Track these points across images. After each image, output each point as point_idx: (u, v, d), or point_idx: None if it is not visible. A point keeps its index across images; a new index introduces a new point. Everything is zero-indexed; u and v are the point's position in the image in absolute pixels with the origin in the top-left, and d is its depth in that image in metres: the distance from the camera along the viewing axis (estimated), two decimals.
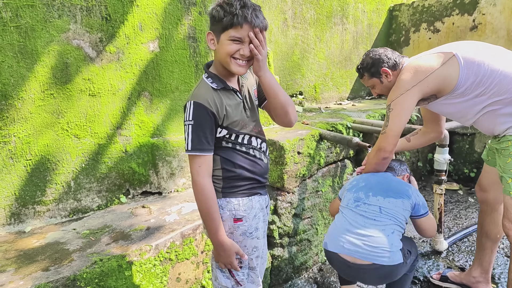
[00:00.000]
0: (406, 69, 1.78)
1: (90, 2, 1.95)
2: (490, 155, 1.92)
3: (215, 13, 1.21)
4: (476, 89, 1.64)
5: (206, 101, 1.24)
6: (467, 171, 3.69)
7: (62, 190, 2.01)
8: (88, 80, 2.00)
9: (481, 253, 2.05)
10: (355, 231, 1.61)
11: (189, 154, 1.25)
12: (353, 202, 1.71)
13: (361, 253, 1.55)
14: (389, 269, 1.55)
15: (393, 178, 1.79)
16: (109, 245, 1.73)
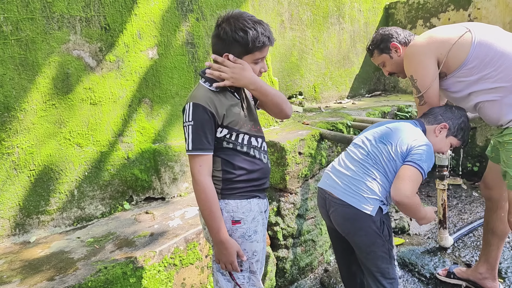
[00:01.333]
0: (420, 36, 1.75)
1: (89, 13, 1.98)
2: (495, 151, 1.90)
3: (239, 38, 1.25)
4: (484, 70, 1.60)
5: (205, 102, 1.27)
6: (470, 166, 3.68)
7: (66, 199, 2.03)
8: (89, 89, 2.02)
9: (487, 249, 2.03)
10: (338, 169, 1.64)
11: (190, 154, 1.27)
12: (353, 144, 1.71)
13: (337, 188, 1.59)
14: (354, 211, 1.53)
15: (406, 126, 1.63)
16: (114, 252, 1.74)
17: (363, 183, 1.55)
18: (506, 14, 3.42)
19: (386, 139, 1.59)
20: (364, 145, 1.64)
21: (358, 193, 1.54)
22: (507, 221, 1.86)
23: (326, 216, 1.69)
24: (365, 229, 1.54)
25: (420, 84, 1.69)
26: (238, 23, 1.24)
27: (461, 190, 3.45)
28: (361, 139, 1.69)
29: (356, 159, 1.61)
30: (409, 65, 1.73)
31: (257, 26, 1.25)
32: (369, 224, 1.53)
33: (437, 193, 2.48)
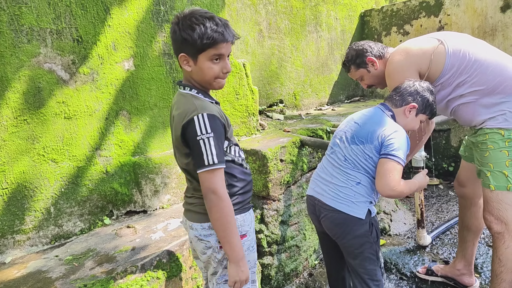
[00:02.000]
0: (397, 52, 1.78)
1: (60, 25, 1.94)
2: (467, 150, 1.97)
3: (187, 36, 1.18)
4: (459, 77, 1.66)
5: (217, 112, 1.21)
6: (445, 166, 3.79)
7: (42, 217, 1.96)
8: (62, 103, 1.98)
9: (464, 246, 2.09)
10: (324, 177, 1.67)
11: (214, 168, 1.17)
12: (329, 149, 1.72)
13: (325, 196, 1.62)
14: (344, 216, 1.55)
15: (372, 117, 1.63)
16: (93, 269, 1.69)
17: (349, 189, 1.57)
18: (474, 20, 3.58)
19: (358, 139, 1.60)
20: (340, 149, 1.65)
21: (347, 199, 1.57)
22: (481, 217, 1.93)
23: (317, 221, 1.72)
24: (354, 232, 1.58)
25: None
26: (186, 21, 1.18)
27: (438, 189, 3.54)
28: (335, 141, 1.71)
29: (336, 166, 1.63)
30: (392, 82, 1.75)
31: (207, 22, 1.17)
32: (358, 227, 1.57)
33: (415, 194, 2.53)
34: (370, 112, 1.69)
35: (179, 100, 1.27)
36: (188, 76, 1.28)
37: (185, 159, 1.26)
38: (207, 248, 1.29)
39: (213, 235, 1.27)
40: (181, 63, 1.24)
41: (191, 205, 1.33)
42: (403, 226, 2.91)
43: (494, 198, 1.67)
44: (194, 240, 1.32)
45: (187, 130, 1.18)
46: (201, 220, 1.29)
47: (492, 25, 3.44)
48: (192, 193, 1.33)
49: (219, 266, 1.31)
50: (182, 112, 1.21)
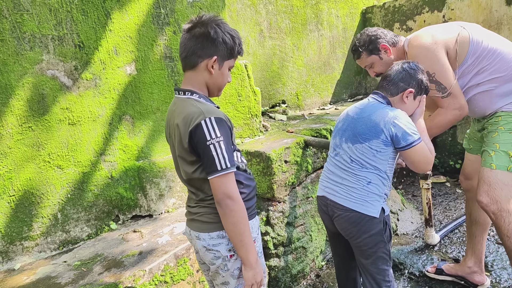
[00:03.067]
0: (420, 35, 1.74)
1: (62, 31, 1.95)
2: (472, 143, 1.96)
3: (228, 40, 1.21)
4: (480, 64, 1.67)
5: (223, 115, 1.20)
6: (452, 163, 3.76)
7: (49, 223, 1.97)
8: (66, 109, 1.99)
9: (473, 242, 2.07)
10: (333, 179, 1.65)
11: (226, 172, 1.15)
12: (332, 151, 1.70)
13: (339, 196, 1.60)
14: (358, 215, 1.54)
15: (369, 110, 1.59)
16: (102, 274, 1.70)
17: (361, 189, 1.56)
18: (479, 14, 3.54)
19: (361, 137, 1.56)
20: (343, 150, 1.63)
21: (361, 199, 1.55)
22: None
23: (329, 222, 1.69)
24: (369, 231, 1.56)
25: (439, 76, 1.68)
26: (225, 26, 1.22)
27: (445, 187, 3.51)
28: (336, 142, 1.68)
29: (344, 168, 1.61)
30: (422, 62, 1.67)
31: (238, 35, 1.26)
32: (373, 226, 1.56)
33: (422, 192, 2.51)
34: (365, 104, 1.64)
35: (179, 106, 1.23)
36: (198, 81, 1.25)
37: (191, 168, 1.22)
38: (216, 258, 1.26)
39: (222, 244, 1.24)
40: (209, 65, 1.21)
41: (196, 215, 1.29)
42: (411, 225, 2.88)
43: (492, 178, 1.67)
44: (202, 251, 1.28)
45: (195, 135, 1.14)
46: (209, 230, 1.25)
47: (498, 18, 3.40)
48: (197, 203, 1.29)
49: (230, 277, 1.28)
50: (186, 117, 1.17)
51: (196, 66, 1.22)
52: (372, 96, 1.66)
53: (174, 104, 1.27)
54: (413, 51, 1.75)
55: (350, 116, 1.66)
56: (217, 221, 1.23)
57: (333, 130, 1.75)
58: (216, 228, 1.24)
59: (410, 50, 1.77)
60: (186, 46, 1.22)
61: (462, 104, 1.70)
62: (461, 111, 1.71)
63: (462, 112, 1.71)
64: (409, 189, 3.56)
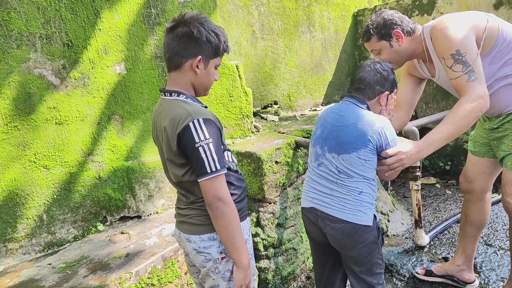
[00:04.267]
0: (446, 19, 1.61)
1: (50, 30, 1.92)
2: (477, 146, 1.93)
3: (212, 39, 1.18)
4: (508, 54, 1.59)
5: (211, 116, 1.17)
6: (442, 165, 3.79)
7: (34, 224, 1.93)
8: (53, 108, 1.95)
9: (466, 241, 2.08)
10: (321, 189, 1.57)
11: (216, 175, 1.13)
12: (314, 160, 1.61)
13: (331, 208, 1.53)
14: (353, 226, 1.49)
15: (352, 120, 1.52)
16: (87, 277, 1.67)
17: (354, 200, 1.50)
18: None
19: (348, 146, 1.50)
20: (327, 161, 1.54)
21: (354, 209, 1.50)
22: (486, 212, 1.98)
23: (318, 233, 1.61)
24: (364, 241, 1.52)
25: (469, 57, 1.52)
26: (209, 24, 1.19)
27: (435, 189, 3.54)
28: (317, 151, 1.59)
29: (330, 179, 1.54)
30: (451, 41, 1.54)
31: (223, 33, 1.23)
32: (368, 235, 1.52)
33: (412, 193, 2.52)
34: (346, 110, 1.56)
35: (166, 108, 1.19)
36: (184, 81, 1.22)
37: (180, 171, 1.19)
38: (207, 261, 1.24)
39: (213, 246, 1.23)
40: (194, 65, 1.19)
41: (186, 217, 1.27)
42: (401, 226, 2.90)
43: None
44: (193, 253, 1.26)
45: (183, 138, 1.12)
46: (199, 232, 1.23)
47: None
48: (187, 205, 1.27)
49: (221, 279, 1.26)
50: (173, 119, 1.14)
51: (181, 66, 1.20)
52: (350, 100, 1.58)
53: (160, 106, 1.24)
54: (439, 33, 1.58)
55: (330, 123, 1.58)
56: (208, 223, 1.21)
57: (312, 137, 1.65)
58: (207, 231, 1.22)
59: (435, 32, 1.61)
60: (169, 47, 1.19)
61: (486, 93, 1.52)
62: (484, 100, 1.51)
63: (485, 102, 1.52)
64: (400, 190, 3.58)
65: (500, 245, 2.47)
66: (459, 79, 1.55)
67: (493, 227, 2.68)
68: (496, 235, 2.58)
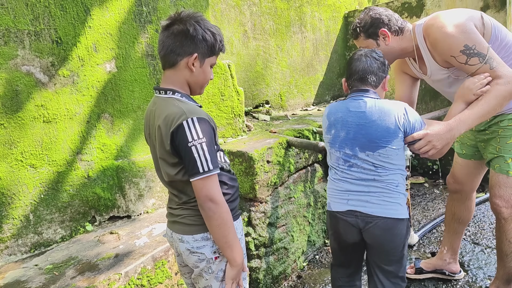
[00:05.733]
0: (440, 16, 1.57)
1: (38, 26, 1.88)
2: (464, 148, 1.96)
3: (208, 37, 1.18)
4: (499, 54, 1.56)
5: (206, 115, 1.16)
6: (430, 164, 3.85)
7: (21, 224, 1.89)
8: (41, 106, 1.91)
9: (453, 237, 2.14)
10: (358, 190, 1.55)
11: (208, 175, 1.12)
12: (344, 163, 1.58)
13: (372, 207, 1.52)
14: (393, 221, 1.50)
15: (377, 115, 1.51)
16: (75, 278, 1.64)
17: (392, 193, 1.52)
18: None
19: (381, 140, 1.49)
20: (360, 160, 1.54)
21: (394, 202, 1.51)
22: (473, 209, 2.06)
23: (356, 235, 1.58)
24: (401, 234, 1.54)
25: (480, 48, 1.49)
26: (205, 22, 1.19)
27: (424, 188, 3.59)
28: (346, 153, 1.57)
29: (368, 178, 1.53)
30: (455, 39, 1.51)
31: (219, 32, 1.23)
32: (404, 227, 1.54)
33: None
34: (365, 106, 1.55)
35: (160, 106, 1.18)
36: (179, 80, 1.21)
37: (173, 170, 1.18)
38: (200, 261, 1.23)
39: (207, 246, 1.22)
40: (190, 63, 1.18)
41: (179, 217, 1.26)
42: None
43: (509, 184, 1.67)
44: (186, 254, 1.25)
45: (177, 137, 1.11)
46: (192, 232, 1.23)
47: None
48: (179, 205, 1.26)
49: (214, 280, 1.25)
50: (167, 118, 1.13)
51: (176, 64, 1.19)
52: (362, 95, 1.57)
53: (154, 104, 1.23)
54: (438, 33, 1.55)
55: (354, 123, 1.55)
56: (201, 223, 1.21)
57: (332, 141, 1.61)
58: (200, 230, 1.22)
59: (434, 32, 1.57)
60: (164, 44, 1.18)
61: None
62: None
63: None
64: None
65: (487, 243, 2.52)
66: (481, 70, 1.51)
67: (480, 226, 2.74)
68: (483, 234, 2.63)
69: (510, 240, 1.73)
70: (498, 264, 1.85)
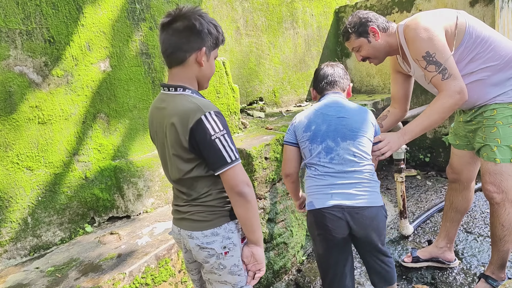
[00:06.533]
0: (418, 18, 1.68)
1: (30, 25, 1.84)
2: (458, 138, 2.02)
3: (212, 30, 1.18)
4: (474, 50, 1.65)
5: (219, 110, 1.18)
6: (422, 157, 3.92)
7: (19, 227, 1.86)
8: (36, 107, 1.88)
9: (449, 225, 2.20)
10: (340, 182, 1.59)
11: (237, 164, 1.14)
12: (325, 156, 1.62)
13: (356, 198, 1.57)
14: (375, 209, 1.59)
15: (353, 109, 1.68)
16: (78, 279, 1.63)
17: (370, 182, 1.61)
18: None
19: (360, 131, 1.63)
20: (343, 150, 1.61)
21: (373, 191, 1.62)
22: (471, 199, 2.10)
23: (344, 229, 1.60)
24: (383, 218, 1.65)
25: (439, 57, 1.61)
26: (207, 16, 1.19)
27: (416, 180, 3.66)
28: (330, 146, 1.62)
29: (349, 169, 1.59)
30: (420, 43, 1.63)
31: (218, 24, 1.25)
32: (384, 212, 1.65)
33: (396, 185, 2.60)
34: (341, 102, 1.72)
35: (171, 103, 1.17)
36: (188, 76, 1.21)
37: (187, 166, 1.18)
38: (210, 256, 1.24)
39: (216, 241, 1.23)
40: (199, 58, 1.18)
41: (187, 214, 1.26)
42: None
43: (498, 170, 1.73)
44: (195, 249, 1.25)
45: (197, 132, 1.11)
46: (202, 228, 1.23)
47: None
48: (187, 202, 1.25)
49: (228, 275, 1.26)
50: (184, 114, 1.12)
51: (185, 61, 1.17)
52: (338, 96, 1.76)
53: (162, 101, 1.21)
54: (411, 34, 1.68)
55: (334, 116, 1.65)
56: (210, 219, 1.22)
57: (312, 137, 1.66)
58: (210, 226, 1.23)
59: (408, 32, 1.70)
60: (170, 42, 1.16)
61: (463, 87, 1.61)
62: (461, 95, 1.61)
63: (462, 96, 1.61)
64: (383, 182, 3.68)
65: (480, 232, 2.58)
66: (434, 79, 1.66)
67: (472, 215, 2.80)
68: (475, 223, 2.70)
69: (503, 224, 1.79)
70: (492, 249, 1.90)
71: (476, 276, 2.16)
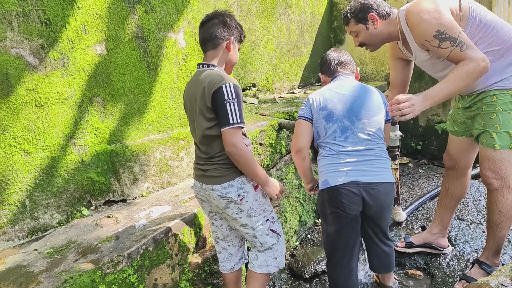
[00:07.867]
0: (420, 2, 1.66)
1: (26, 7, 1.81)
2: (456, 125, 2.03)
3: (238, 26, 1.64)
4: (478, 34, 1.65)
5: (238, 84, 1.52)
6: (414, 145, 4.02)
7: (17, 210, 1.88)
8: (32, 90, 1.87)
9: (444, 212, 2.23)
10: (354, 160, 1.64)
11: (237, 126, 1.47)
12: (340, 135, 1.67)
13: (370, 175, 1.63)
14: (388, 185, 1.67)
15: (366, 89, 1.74)
16: (78, 261, 1.66)
17: (384, 159, 1.70)
18: None
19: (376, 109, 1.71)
20: (359, 128, 1.67)
21: (387, 169, 1.70)
22: (467, 186, 2.13)
23: (359, 204, 1.63)
24: (393, 195, 1.74)
25: (451, 32, 1.58)
26: (233, 16, 1.63)
27: (408, 168, 3.76)
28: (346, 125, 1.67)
29: (363, 147, 1.66)
30: (428, 25, 1.61)
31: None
32: (394, 189, 1.74)
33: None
34: (354, 83, 1.80)
35: (205, 74, 1.55)
36: (219, 58, 1.61)
37: (208, 124, 1.53)
38: (229, 203, 1.61)
39: (232, 191, 1.58)
40: (229, 43, 1.60)
41: (208, 171, 1.61)
42: None
43: (497, 157, 1.75)
44: (217, 199, 1.61)
45: (216, 95, 1.47)
46: (220, 182, 1.58)
47: None
48: (206, 161, 1.61)
49: (246, 217, 1.64)
50: (211, 81, 1.50)
51: (218, 46, 1.59)
52: (349, 76, 1.84)
53: (197, 75, 1.60)
54: (415, 18, 1.66)
55: (349, 96, 1.72)
56: (225, 174, 1.58)
57: (328, 115, 1.69)
58: (226, 180, 1.58)
59: (410, 17, 1.69)
60: (209, 32, 1.58)
61: (485, 56, 1.57)
62: (485, 63, 1.55)
63: (486, 65, 1.56)
64: None
65: (472, 219, 2.66)
66: (453, 53, 1.60)
67: (465, 202, 2.89)
68: (467, 210, 2.78)
69: (501, 210, 1.80)
70: (488, 235, 1.92)
71: (470, 262, 2.19)
